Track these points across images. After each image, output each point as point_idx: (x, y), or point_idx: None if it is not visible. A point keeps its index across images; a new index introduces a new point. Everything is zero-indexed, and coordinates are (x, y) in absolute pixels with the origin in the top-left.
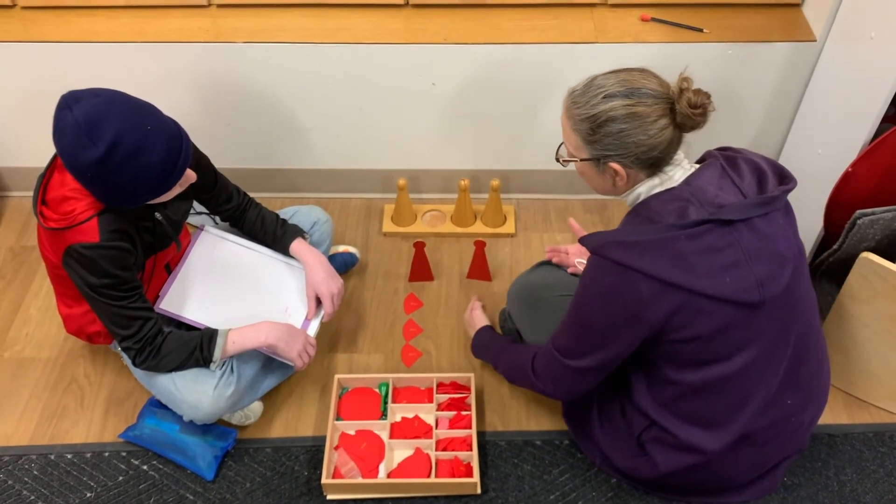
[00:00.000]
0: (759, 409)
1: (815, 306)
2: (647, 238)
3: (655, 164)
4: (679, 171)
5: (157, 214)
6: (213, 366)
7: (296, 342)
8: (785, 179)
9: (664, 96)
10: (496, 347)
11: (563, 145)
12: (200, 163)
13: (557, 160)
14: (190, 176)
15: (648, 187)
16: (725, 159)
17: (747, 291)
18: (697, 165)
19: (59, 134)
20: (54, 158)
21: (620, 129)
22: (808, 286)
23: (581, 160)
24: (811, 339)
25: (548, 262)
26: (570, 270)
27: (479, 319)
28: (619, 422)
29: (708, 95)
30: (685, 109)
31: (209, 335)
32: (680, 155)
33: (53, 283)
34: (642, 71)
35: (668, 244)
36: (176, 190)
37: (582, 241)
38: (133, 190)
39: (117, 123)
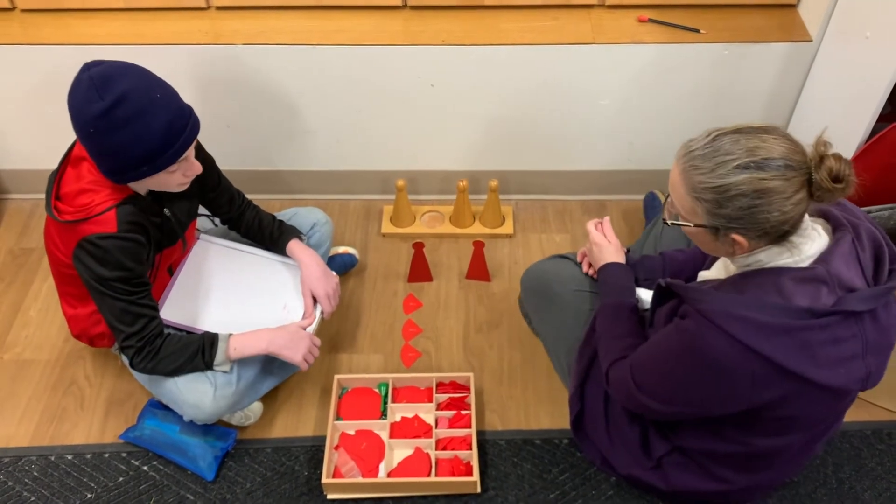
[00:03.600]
0: (794, 458)
1: None
2: (778, 321)
3: (783, 235)
4: (806, 242)
5: (166, 210)
6: (218, 369)
7: (300, 345)
8: (893, 255)
9: (802, 166)
10: (613, 303)
11: (671, 200)
12: (206, 161)
13: (665, 222)
14: (195, 167)
15: (770, 255)
16: (852, 229)
17: (855, 383)
18: (818, 229)
19: (72, 91)
20: (66, 155)
21: (752, 204)
22: None
23: (696, 226)
24: None
25: (563, 256)
26: (587, 270)
27: (610, 254)
28: (629, 431)
29: (850, 164)
30: (825, 183)
31: (210, 340)
32: (806, 220)
33: (59, 284)
34: (769, 131)
35: (798, 332)
36: (178, 178)
37: (689, 296)
38: (131, 154)
39: (128, 83)
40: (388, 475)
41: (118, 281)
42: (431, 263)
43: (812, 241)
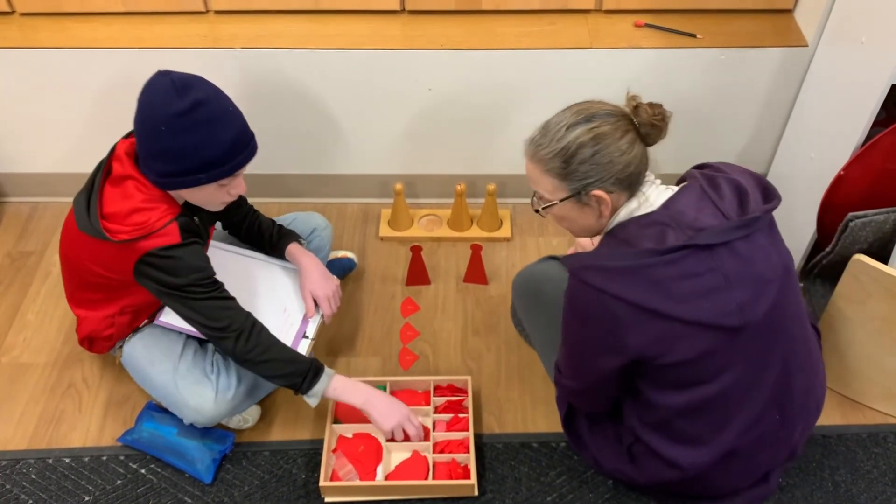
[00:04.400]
0: (745, 427)
1: (804, 322)
2: (624, 263)
3: (634, 181)
4: (654, 191)
5: (196, 218)
6: (306, 399)
7: (392, 416)
8: (768, 196)
9: (621, 114)
10: None
11: (535, 195)
12: None
13: (536, 211)
14: (242, 187)
15: (627, 212)
16: (706, 179)
17: (727, 316)
18: (671, 186)
19: (148, 90)
20: (101, 172)
21: (593, 152)
22: (796, 303)
23: (561, 201)
24: (801, 355)
25: (554, 257)
26: None
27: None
28: (609, 427)
29: (660, 105)
30: (647, 118)
31: (316, 369)
32: (650, 175)
33: (74, 289)
34: (591, 100)
35: (645, 270)
36: (223, 196)
37: (563, 261)
38: (195, 158)
39: (207, 91)
40: (386, 478)
41: (194, 284)
42: (429, 267)
43: (657, 187)
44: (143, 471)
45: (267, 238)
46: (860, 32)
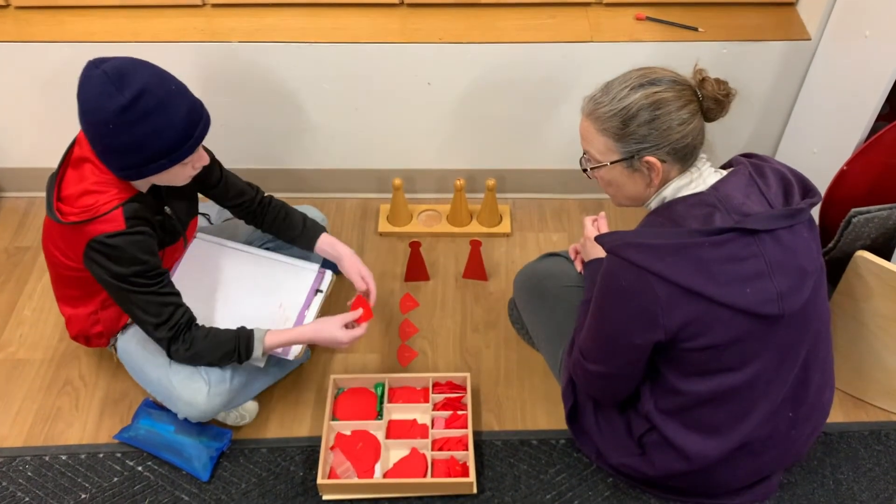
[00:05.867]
0: (762, 420)
1: (828, 323)
2: (669, 242)
3: (689, 154)
4: (707, 171)
5: (167, 208)
6: (254, 363)
7: (331, 343)
8: (809, 192)
9: (686, 84)
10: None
11: (585, 154)
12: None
13: (584, 171)
14: (204, 158)
15: (675, 188)
16: (753, 167)
17: (767, 304)
18: (720, 170)
19: (84, 87)
20: (65, 157)
21: (653, 115)
22: (824, 302)
23: (612, 163)
24: (821, 354)
25: (555, 254)
26: (580, 269)
27: (598, 249)
28: (617, 419)
29: (726, 81)
30: (712, 92)
31: (246, 339)
32: (704, 155)
33: (57, 286)
34: (657, 66)
35: (690, 250)
36: (188, 171)
37: (599, 239)
38: (152, 148)
39: (145, 77)
40: (384, 476)
41: (136, 275)
42: (428, 263)
43: (709, 167)
44: (139, 468)
45: (298, 228)
46: (864, 26)
